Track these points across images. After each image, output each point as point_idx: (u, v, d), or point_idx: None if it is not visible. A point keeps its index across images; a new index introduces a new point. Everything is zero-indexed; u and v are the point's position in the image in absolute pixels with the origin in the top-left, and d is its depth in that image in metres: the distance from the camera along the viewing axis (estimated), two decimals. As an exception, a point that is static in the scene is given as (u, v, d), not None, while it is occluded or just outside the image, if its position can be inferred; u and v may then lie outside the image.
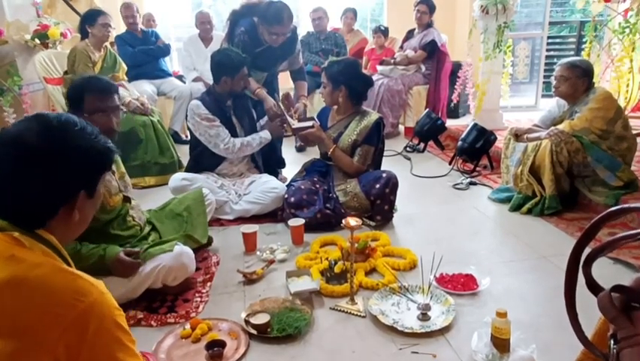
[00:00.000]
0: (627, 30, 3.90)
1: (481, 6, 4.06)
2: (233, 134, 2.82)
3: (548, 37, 5.82)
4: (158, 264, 1.86)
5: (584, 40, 4.62)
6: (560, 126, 2.72)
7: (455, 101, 4.79)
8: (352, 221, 1.77)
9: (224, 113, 2.80)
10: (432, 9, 4.67)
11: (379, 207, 2.59)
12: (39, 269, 0.84)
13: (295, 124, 2.87)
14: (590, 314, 0.90)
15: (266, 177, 2.89)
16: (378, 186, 2.58)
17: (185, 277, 1.96)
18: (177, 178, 2.77)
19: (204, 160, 2.83)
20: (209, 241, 2.37)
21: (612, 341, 0.76)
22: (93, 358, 0.85)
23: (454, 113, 5.11)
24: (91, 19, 3.42)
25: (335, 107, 2.84)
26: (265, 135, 2.87)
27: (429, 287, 1.85)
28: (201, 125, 2.73)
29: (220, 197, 2.73)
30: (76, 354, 0.83)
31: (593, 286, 0.83)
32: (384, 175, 2.62)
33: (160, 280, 1.89)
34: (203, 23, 4.74)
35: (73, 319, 0.82)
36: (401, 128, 4.96)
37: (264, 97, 3.02)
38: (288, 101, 3.09)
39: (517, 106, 5.61)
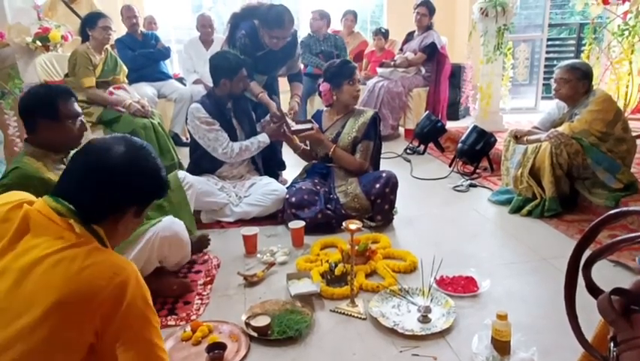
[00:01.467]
0: (626, 32, 3.91)
1: (481, 8, 4.07)
2: (234, 136, 2.82)
3: (548, 40, 5.83)
4: (150, 236, 1.85)
5: (583, 42, 4.63)
6: (560, 128, 2.73)
7: (464, 105, 4.79)
8: (352, 224, 1.78)
9: (224, 115, 2.80)
10: (432, 11, 4.68)
11: (380, 206, 2.59)
12: (83, 247, 0.96)
13: (294, 126, 2.87)
14: (591, 317, 0.90)
15: (266, 180, 2.89)
16: (378, 185, 2.59)
17: (181, 250, 1.93)
18: None
19: (204, 163, 2.83)
20: (206, 242, 2.35)
21: (612, 344, 0.76)
22: (123, 330, 0.94)
23: (454, 115, 5.12)
24: (91, 22, 3.42)
25: (328, 108, 2.86)
26: (263, 139, 2.87)
27: (429, 289, 1.85)
28: (200, 128, 2.73)
29: (220, 199, 2.73)
30: (109, 325, 0.92)
31: (593, 289, 0.83)
32: (383, 175, 2.63)
33: (156, 255, 1.87)
34: (205, 26, 4.75)
35: (111, 290, 0.92)
36: (401, 130, 4.97)
37: (266, 102, 3.02)
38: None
39: (517, 108, 5.61)
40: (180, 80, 5.01)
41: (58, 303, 0.89)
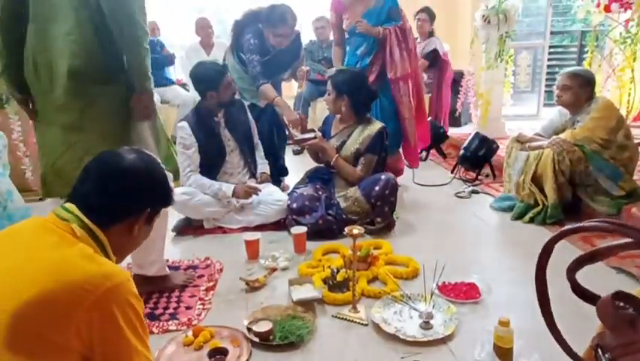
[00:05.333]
0: (628, 40, 3.92)
1: (483, 16, 4.10)
2: (221, 150, 2.79)
3: (550, 47, 5.85)
4: None
5: (585, 50, 4.65)
6: (562, 135, 2.73)
7: (459, 110, 4.82)
8: (355, 229, 1.78)
9: (211, 130, 2.76)
10: (432, 17, 4.70)
11: (380, 209, 2.59)
12: (78, 255, 0.98)
13: (298, 136, 2.88)
14: (568, 324, 0.90)
15: (269, 188, 2.88)
16: (377, 188, 2.58)
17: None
18: (177, 193, 2.66)
19: (203, 170, 2.78)
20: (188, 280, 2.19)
21: (600, 351, 0.76)
22: (107, 337, 0.95)
23: (456, 122, 5.13)
24: None
25: (338, 115, 2.85)
26: (227, 189, 2.70)
27: (431, 296, 1.85)
28: (178, 146, 2.73)
29: (222, 207, 2.73)
30: (95, 330, 0.93)
31: (585, 296, 0.83)
32: (382, 177, 2.62)
33: None
34: (204, 28, 4.76)
35: (99, 296, 0.93)
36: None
37: (282, 105, 3.03)
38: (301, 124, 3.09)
39: (519, 115, 5.62)
40: (183, 85, 5.04)
41: (41, 295, 0.90)
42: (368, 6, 3.02)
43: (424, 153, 4.30)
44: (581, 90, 2.72)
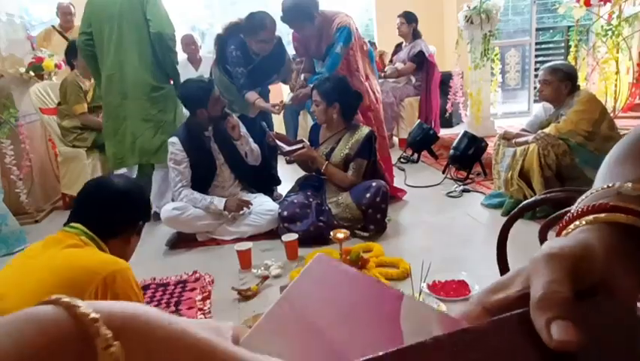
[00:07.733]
0: (610, 33, 3.96)
1: (466, 16, 4.14)
2: (212, 165, 2.82)
3: (539, 43, 5.90)
4: None
5: (570, 44, 4.69)
6: (547, 130, 2.76)
7: (450, 111, 4.85)
8: (340, 233, 1.80)
9: (202, 144, 2.79)
10: (410, 20, 4.71)
11: (372, 216, 2.61)
12: (87, 251, 1.20)
13: (285, 148, 2.91)
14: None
15: (261, 199, 2.90)
16: (368, 195, 2.61)
17: None
18: (168, 209, 2.71)
19: (194, 184, 2.81)
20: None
21: None
22: None
23: (447, 123, 5.17)
24: (73, 52, 3.49)
25: (325, 124, 2.88)
26: (218, 203, 2.74)
27: (420, 294, 1.86)
28: (169, 161, 2.77)
29: (214, 219, 2.76)
30: None
31: None
32: (373, 184, 2.64)
33: None
34: (188, 45, 4.80)
35: (106, 276, 1.11)
36: (395, 140, 5.00)
37: (263, 106, 3.09)
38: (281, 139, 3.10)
39: (511, 112, 5.66)
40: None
41: (61, 281, 1.07)
42: (328, 42, 2.98)
43: (415, 155, 4.33)
44: (561, 84, 2.75)
